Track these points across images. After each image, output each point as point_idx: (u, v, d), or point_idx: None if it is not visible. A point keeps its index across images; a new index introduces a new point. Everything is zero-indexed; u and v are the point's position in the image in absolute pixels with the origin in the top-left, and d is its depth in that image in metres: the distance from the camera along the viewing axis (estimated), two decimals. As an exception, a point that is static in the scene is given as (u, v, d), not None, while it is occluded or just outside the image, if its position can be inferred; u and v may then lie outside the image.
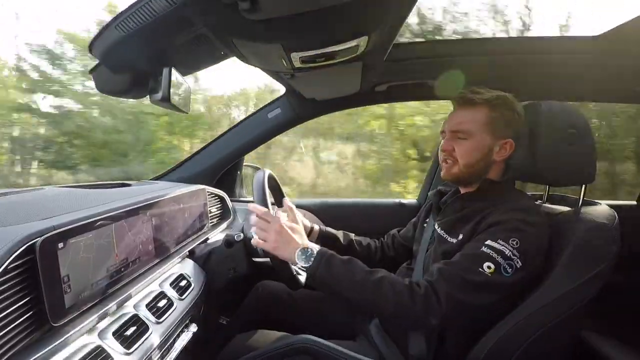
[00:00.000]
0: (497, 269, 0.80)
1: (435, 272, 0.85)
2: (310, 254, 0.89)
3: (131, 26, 0.76)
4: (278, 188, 1.36)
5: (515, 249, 0.81)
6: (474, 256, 0.82)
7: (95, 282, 0.70)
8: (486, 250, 0.81)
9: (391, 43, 0.95)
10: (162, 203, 1.00)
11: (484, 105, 0.93)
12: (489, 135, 0.93)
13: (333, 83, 1.25)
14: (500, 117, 0.93)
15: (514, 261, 0.80)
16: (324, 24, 0.71)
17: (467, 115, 0.95)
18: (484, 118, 0.93)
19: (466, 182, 1.00)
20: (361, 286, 0.85)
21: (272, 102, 1.57)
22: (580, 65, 1.31)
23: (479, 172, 0.97)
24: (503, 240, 0.81)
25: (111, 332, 0.67)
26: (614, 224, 0.87)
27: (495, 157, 0.95)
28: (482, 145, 0.94)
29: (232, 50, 0.85)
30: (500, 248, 0.81)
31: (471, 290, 0.80)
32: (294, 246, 0.90)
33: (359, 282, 0.85)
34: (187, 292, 0.95)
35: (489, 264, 0.80)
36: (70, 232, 0.64)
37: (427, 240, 1.08)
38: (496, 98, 0.93)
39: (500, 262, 0.80)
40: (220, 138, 1.63)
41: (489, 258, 0.80)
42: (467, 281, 0.80)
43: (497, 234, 0.83)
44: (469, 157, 0.95)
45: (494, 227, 0.85)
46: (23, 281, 0.57)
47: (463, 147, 0.95)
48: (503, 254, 0.80)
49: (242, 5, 0.59)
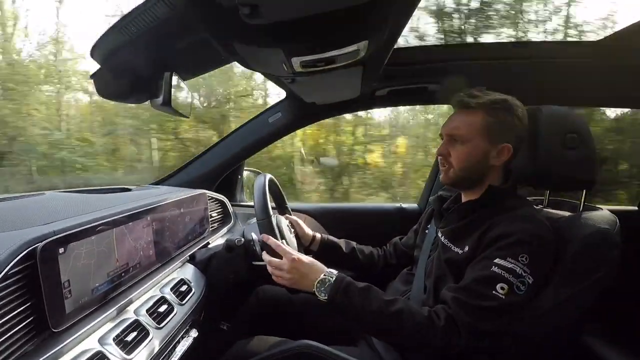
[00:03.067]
0: (510, 289, 0.79)
1: (451, 302, 0.82)
2: (328, 284, 0.87)
3: (132, 31, 0.77)
4: (279, 193, 1.36)
5: (525, 265, 0.80)
6: (486, 279, 0.81)
7: (96, 288, 0.70)
8: (497, 271, 0.80)
9: (391, 48, 0.95)
10: (163, 208, 1.00)
11: (480, 109, 0.92)
12: (485, 139, 0.92)
13: (333, 87, 1.25)
14: (498, 122, 0.92)
15: (526, 278, 0.80)
16: (324, 28, 0.71)
17: (464, 119, 0.94)
18: (480, 122, 0.92)
19: (463, 186, 1.00)
20: (379, 317, 0.83)
21: (272, 106, 1.58)
22: (580, 70, 1.31)
23: (475, 177, 0.96)
24: (512, 257, 0.80)
25: (112, 337, 0.67)
26: (615, 229, 0.87)
27: (493, 162, 0.94)
28: (478, 149, 0.93)
29: (232, 55, 0.85)
30: (511, 267, 0.80)
31: (489, 318, 0.79)
32: (312, 279, 0.89)
33: (376, 312, 0.84)
34: (188, 297, 0.94)
35: (502, 285, 0.79)
36: (70, 237, 0.64)
37: (429, 246, 1.07)
38: (494, 102, 0.92)
39: (512, 282, 0.79)
40: (220, 142, 1.63)
41: (502, 279, 0.79)
42: (484, 308, 0.79)
43: (505, 249, 0.82)
44: (463, 161, 0.94)
45: (500, 241, 0.83)
46: (23, 287, 0.57)
47: (458, 151, 0.95)
48: (514, 273, 0.79)
49: (243, 10, 0.59)
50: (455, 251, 0.93)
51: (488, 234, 0.86)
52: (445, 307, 0.83)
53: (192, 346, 0.88)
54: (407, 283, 1.09)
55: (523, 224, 0.85)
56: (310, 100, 1.43)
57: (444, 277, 0.94)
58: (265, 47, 0.78)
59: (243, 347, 1.06)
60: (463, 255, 0.90)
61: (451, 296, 0.83)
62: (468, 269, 0.87)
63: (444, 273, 0.94)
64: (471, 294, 0.81)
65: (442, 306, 0.84)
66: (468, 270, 0.86)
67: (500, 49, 1.37)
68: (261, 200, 1.03)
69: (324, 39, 0.77)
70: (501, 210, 0.90)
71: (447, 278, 0.92)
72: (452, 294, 0.84)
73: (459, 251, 0.92)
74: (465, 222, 0.95)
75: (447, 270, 0.93)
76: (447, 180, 0.99)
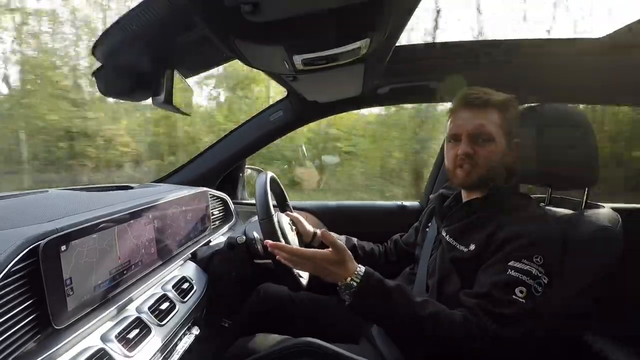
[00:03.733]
0: (528, 292, 0.78)
1: (476, 309, 0.80)
2: (352, 288, 0.82)
3: (134, 28, 0.77)
4: (280, 191, 1.36)
5: (540, 265, 0.79)
6: (504, 283, 0.80)
7: (98, 285, 0.70)
8: (514, 274, 0.79)
9: (393, 45, 0.95)
10: (165, 206, 1.01)
11: (496, 106, 0.92)
12: (504, 137, 0.92)
13: (335, 85, 1.25)
14: (512, 118, 0.93)
15: (542, 278, 0.79)
16: (326, 26, 0.71)
17: (483, 116, 0.92)
18: (499, 120, 0.92)
19: (482, 186, 0.97)
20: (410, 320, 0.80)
21: (274, 104, 1.57)
22: (584, 67, 1.30)
23: (499, 175, 0.95)
24: (527, 259, 0.80)
25: (114, 334, 0.67)
26: (618, 227, 0.87)
27: (510, 159, 0.94)
28: (501, 147, 0.92)
29: (234, 52, 0.85)
30: (527, 269, 0.79)
31: (513, 324, 0.77)
32: (334, 279, 0.85)
33: (403, 317, 0.80)
34: (190, 295, 0.94)
35: (520, 288, 0.78)
36: (72, 235, 0.64)
37: (430, 244, 1.07)
38: (506, 99, 0.93)
39: (530, 284, 0.78)
40: (222, 141, 1.63)
41: (520, 282, 0.79)
42: (507, 316, 0.77)
43: (518, 252, 0.81)
44: (491, 160, 0.92)
45: (512, 242, 0.83)
46: (26, 284, 0.57)
47: (486, 150, 0.91)
48: (531, 274, 0.79)
49: (245, 8, 0.59)
50: (460, 249, 0.92)
51: (497, 235, 0.85)
52: (469, 315, 0.80)
53: (193, 343, 0.88)
54: (409, 282, 1.09)
55: (533, 224, 0.84)
56: (312, 98, 1.43)
57: (448, 276, 0.93)
58: (266, 45, 0.78)
59: (244, 344, 1.06)
60: (469, 254, 0.89)
61: (474, 302, 0.81)
62: (481, 272, 0.85)
63: (449, 272, 0.93)
64: (492, 300, 0.79)
65: (467, 314, 0.81)
66: (482, 274, 0.85)
67: (503, 46, 1.36)
68: (263, 200, 1.03)
69: (326, 36, 0.76)
70: (507, 210, 0.90)
71: (452, 277, 0.92)
72: (475, 300, 0.81)
73: (464, 249, 0.91)
74: (470, 220, 0.95)
75: (453, 269, 0.92)
76: (468, 181, 0.95)
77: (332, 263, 0.84)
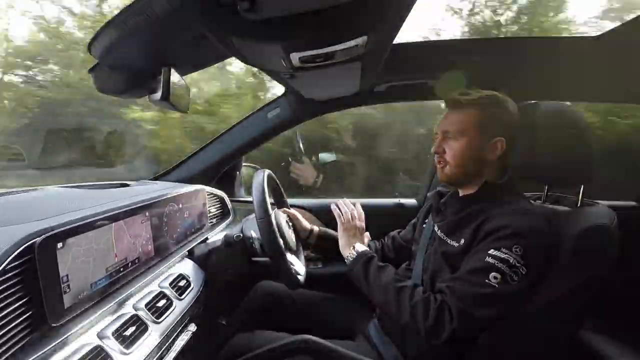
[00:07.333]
0: (503, 278, 0.80)
1: (445, 290, 0.86)
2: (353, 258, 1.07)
3: (130, 26, 0.76)
4: (277, 188, 1.36)
5: (519, 256, 0.81)
6: (479, 269, 0.83)
7: (95, 282, 0.70)
8: (491, 261, 0.81)
9: (390, 43, 0.95)
10: (162, 203, 1.00)
11: (472, 105, 0.94)
12: (478, 134, 0.94)
13: (332, 83, 1.25)
14: (489, 116, 0.94)
15: (519, 269, 0.81)
16: (323, 23, 0.71)
17: (456, 116, 0.96)
18: (473, 118, 0.94)
19: (460, 183, 1.00)
20: (384, 289, 0.94)
21: (271, 101, 1.57)
22: (580, 66, 1.31)
23: (471, 172, 0.97)
24: (506, 248, 0.82)
25: (110, 332, 0.68)
26: (613, 224, 0.87)
27: (488, 157, 0.95)
28: (472, 145, 0.94)
29: (231, 50, 0.84)
30: (504, 257, 0.81)
31: (481, 305, 0.81)
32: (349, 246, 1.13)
33: (383, 285, 0.94)
34: (187, 292, 0.95)
35: (495, 274, 0.80)
36: (69, 232, 0.64)
37: (426, 241, 1.08)
38: (484, 98, 0.94)
39: (505, 271, 0.80)
40: (219, 138, 1.63)
41: (495, 268, 0.81)
42: (477, 295, 0.81)
43: (500, 241, 0.83)
44: (459, 157, 0.96)
45: (495, 233, 0.84)
46: (22, 281, 0.57)
47: (453, 147, 0.96)
48: (508, 263, 0.80)
49: (242, 5, 0.59)
50: (451, 244, 0.94)
51: (483, 227, 0.87)
52: (439, 295, 0.86)
53: (190, 341, 0.88)
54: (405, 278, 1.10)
55: (518, 216, 0.86)
56: (309, 96, 1.43)
57: (440, 270, 0.95)
58: (263, 43, 0.77)
59: (242, 341, 1.06)
60: (459, 249, 0.91)
61: (445, 285, 0.86)
62: (463, 262, 0.88)
63: (440, 266, 0.95)
64: (465, 282, 0.84)
65: (437, 294, 0.87)
66: (463, 263, 0.88)
67: (500, 44, 1.36)
68: (260, 198, 1.03)
69: (323, 34, 0.76)
70: (497, 204, 0.91)
71: (443, 271, 0.94)
72: (447, 283, 0.87)
73: (454, 244, 0.93)
74: (461, 215, 0.96)
75: (444, 263, 0.94)
76: (443, 178, 1.00)
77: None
